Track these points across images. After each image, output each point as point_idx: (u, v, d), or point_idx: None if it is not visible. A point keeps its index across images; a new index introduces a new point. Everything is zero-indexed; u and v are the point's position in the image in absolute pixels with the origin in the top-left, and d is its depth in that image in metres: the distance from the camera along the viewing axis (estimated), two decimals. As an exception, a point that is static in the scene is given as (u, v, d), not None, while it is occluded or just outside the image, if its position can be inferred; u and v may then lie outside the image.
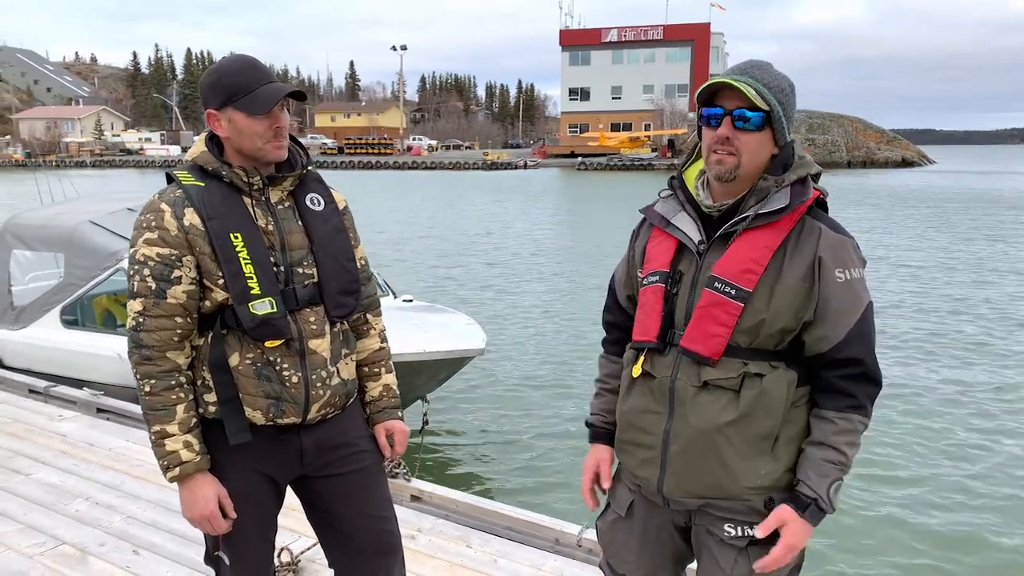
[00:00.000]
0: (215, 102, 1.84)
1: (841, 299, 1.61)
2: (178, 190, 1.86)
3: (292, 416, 1.90)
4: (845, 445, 1.62)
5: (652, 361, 1.76)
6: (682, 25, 71.87)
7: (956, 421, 7.18)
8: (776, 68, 1.68)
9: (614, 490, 1.95)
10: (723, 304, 1.63)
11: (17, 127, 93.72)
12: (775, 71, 1.67)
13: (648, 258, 1.82)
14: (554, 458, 6.47)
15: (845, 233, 1.66)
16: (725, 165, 1.64)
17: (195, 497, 1.84)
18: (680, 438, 1.70)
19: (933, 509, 5.53)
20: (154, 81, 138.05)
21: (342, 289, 1.98)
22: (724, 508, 1.71)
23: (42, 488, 3.93)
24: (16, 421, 4.92)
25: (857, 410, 1.63)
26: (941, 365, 8.94)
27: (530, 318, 11.52)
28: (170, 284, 1.80)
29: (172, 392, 1.82)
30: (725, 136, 1.62)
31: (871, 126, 70.30)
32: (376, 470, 2.12)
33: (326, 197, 2.03)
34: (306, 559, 3.18)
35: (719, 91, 1.65)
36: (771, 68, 1.67)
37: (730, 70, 1.67)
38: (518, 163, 66.34)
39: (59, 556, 3.27)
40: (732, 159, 1.63)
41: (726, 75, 1.64)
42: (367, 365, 2.17)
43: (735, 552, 1.71)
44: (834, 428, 1.62)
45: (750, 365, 1.63)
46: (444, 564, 3.20)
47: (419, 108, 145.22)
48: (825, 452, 1.62)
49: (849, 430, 1.62)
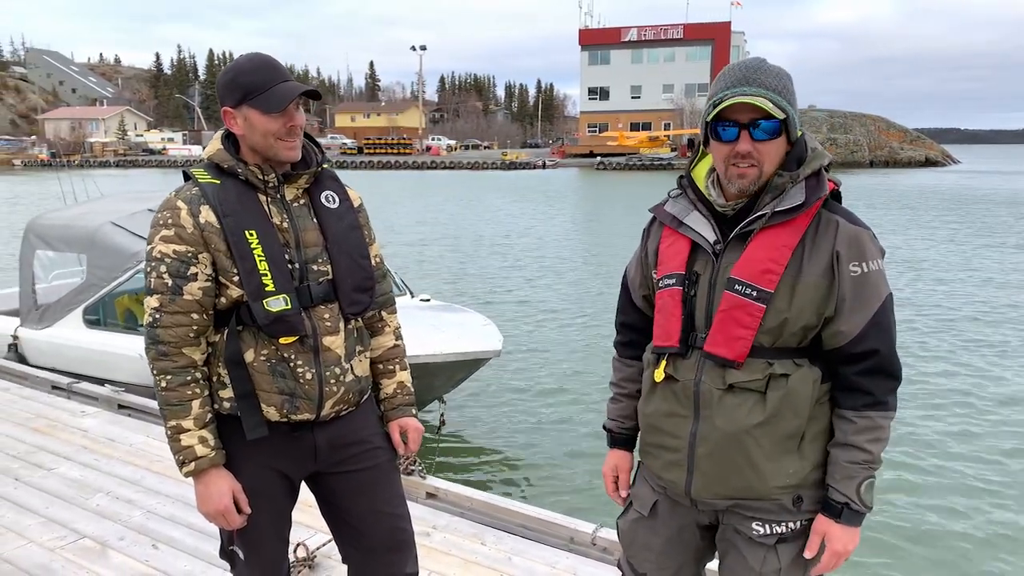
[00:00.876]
0: (231, 100, 1.86)
1: (858, 292, 1.59)
2: (194, 188, 1.88)
3: (306, 412, 1.92)
4: (868, 443, 1.60)
5: (675, 364, 1.75)
6: (702, 24, 71.47)
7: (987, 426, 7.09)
8: (770, 63, 1.64)
9: (636, 490, 1.95)
10: (745, 306, 1.61)
11: (43, 127, 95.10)
12: (773, 68, 1.63)
13: (662, 259, 1.79)
14: (568, 457, 6.48)
15: (861, 224, 1.64)
16: (748, 178, 1.62)
17: (210, 492, 1.86)
18: (707, 441, 1.69)
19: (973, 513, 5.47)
20: (176, 82, 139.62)
21: (356, 286, 1.99)
22: (754, 508, 1.70)
23: (64, 482, 4.00)
24: (39, 417, 5.00)
25: (876, 407, 1.61)
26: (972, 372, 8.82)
27: (546, 319, 11.51)
28: (186, 281, 1.83)
29: (188, 388, 1.84)
30: (747, 151, 1.60)
31: (894, 125, 69.58)
32: (389, 467, 2.13)
33: (341, 195, 2.05)
34: (322, 555, 3.21)
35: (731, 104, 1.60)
36: (768, 66, 1.63)
37: (734, 79, 1.61)
38: (536, 163, 66.30)
39: (80, 549, 3.32)
40: (754, 171, 1.61)
41: (736, 89, 1.59)
42: (381, 362, 2.18)
43: (764, 550, 1.71)
44: (854, 427, 1.61)
45: (775, 365, 1.62)
46: (459, 561, 3.21)
47: (438, 108, 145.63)
48: (849, 453, 1.61)
49: (870, 427, 1.60)
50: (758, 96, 1.57)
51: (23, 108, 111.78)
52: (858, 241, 1.61)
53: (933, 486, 5.87)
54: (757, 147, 1.60)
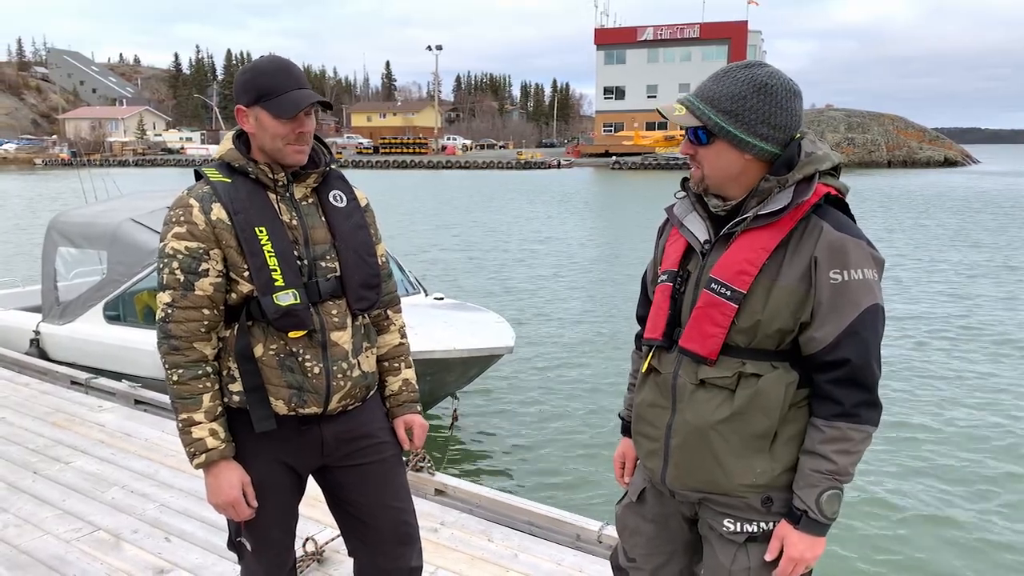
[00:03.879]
0: (245, 98, 1.90)
1: (834, 301, 1.58)
2: (206, 186, 1.93)
3: (313, 406, 1.96)
4: (835, 454, 1.59)
5: (659, 357, 1.81)
6: (719, 23, 71.18)
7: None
8: (759, 69, 1.63)
9: (633, 476, 2.01)
10: (718, 305, 1.64)
11: (63, 127, 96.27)
12: (740, 75, 1.63)
13: (664, 257, 1.86)
14: (577, 455, 6.50)
15: (851, 232, 1.61)
16: (694, 178, 1.73)
17: (220, 483, 1.90)
18: (679, 433, 1.73)
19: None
20: (195, 82, 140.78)
21: (363, 283, 2.03)
22: (722, 503, 1.73)
23: (81, 476, 4.07)
24: (58, 411, 5.09)
25: (845, 418, 1.58)
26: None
27: (559, 317, 11.53)
28: (198, 276, 1.87)
29: (199, 381, 1.89)
30: (688, 152, 1.71)
31: (912, 125, 68.96)
32: (395, 461, 2.17)
33: (348, 194, 2.09)
34: (330, 549, 3.25)
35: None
36: (736, 73, 1.64)
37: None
38: (551, 162, 66.26)
39: (95, 541, 3.39)
40: (698, 172, 1.71)
41: (680, 96, 1.72)
42: (387, 360, 2.22)
43: (735, 547, 1.72)
44: (822, 436, 1.60)
45: (748, 365, 1.64)
46: (466, 557, 3.24)
47: (454, 108, 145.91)
48: (814, 461, 1.61)
49: (838, 438, 1.59)
50: (678, 104, 1.68)
51: (44, 108, 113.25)
52: (841, 249, 1.58)
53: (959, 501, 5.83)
54: (696, 150, 1.69)
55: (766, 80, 1.62)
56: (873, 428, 1.61)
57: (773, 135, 1.63)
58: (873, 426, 1.61)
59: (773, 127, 1.63)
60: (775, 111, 1.62)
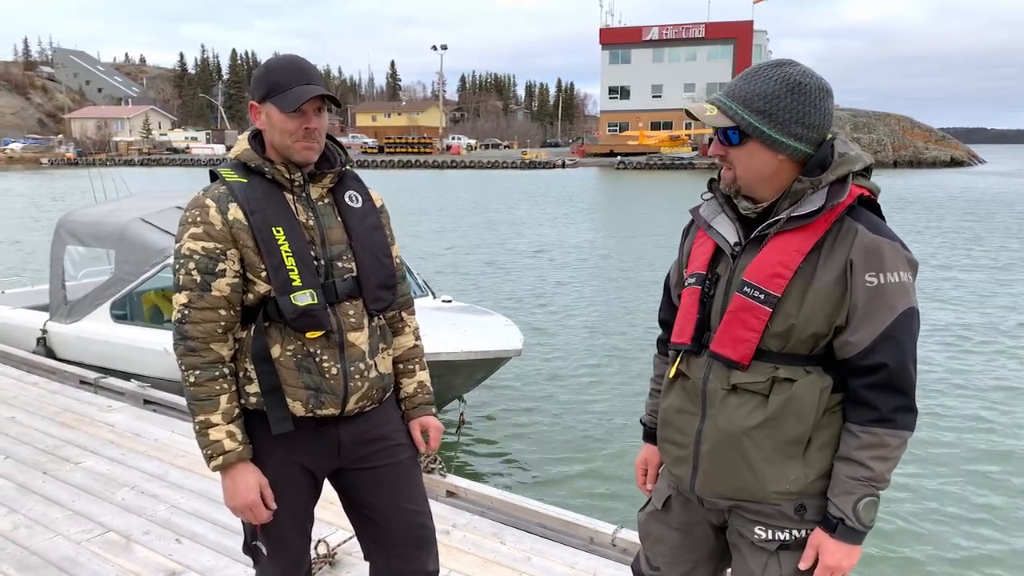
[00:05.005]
0: (257, 94, 1.91)
1: (870, 304, 1.56)
2: (222, 186, 1.92)
3: (331, 407, 1.94)
4: (871, 460, 1.56)
5: (688, 362, 1.77)
6: (724, 23, 71.02)
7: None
8: (790, 68, 1.60)
9: (657, 483, 1.98)
10: (752, 309, 1.61)
11: (69, 126, 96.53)
12: (770, 74, 1.60)
13: (691, 259, 1.83)
14: (588, 457, 6.47)
15: (886, 234, 1.59)
16: (725, 179, 1.70)
17: (237, 486, 1.88)
18: (709, 439, 1.70)
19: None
20: (200, 81, 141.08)
21: (380, 283, 2.02)
22: (753, 511, 1.69)
23: (90, 476, 4.06)
24: (67, 411, 5.08)
25: (882, 423, 1.56)
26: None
27: (565, 319, 11.51)
28: (214, 277, 1.86)
29: (216, 383, 1.87)
30: (718, 154, 1.68)
31: (918, 125, 68.78)
32: (411, 464, 2.15)
33: (364, 195, 2.09)
34: (342, 551, 3.23)
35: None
36: (767, 72, 1.61)
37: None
38: (556, 162, 66.23)
39: (105, 543, 3.37)
40: (729, 173, 1.67)
41: (710, 95, 1.69)
42: (402, 362, 2.21)
43: (766, 556, 1.69)
44: (858, 442, 1.58)
45: (781, 370, 1.61)
46: (478, 560, 3.22)
47: (458, 107, 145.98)
48: (850, 468, 1.58)
49: (874, 444, 1.56)
50: (709, 104, 1.64)
51: (50, 107, 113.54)
52: (877, 251, 1.56)
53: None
54: (727, 151, 1.65)
55: (799, 79, 1.59)
56: (910, 433, 1.59)
57: (807, 135, 1.61)
58: (910, 431, 1.59)
59: (807, 127, 1.60)
60: (809, 110, 1.60)
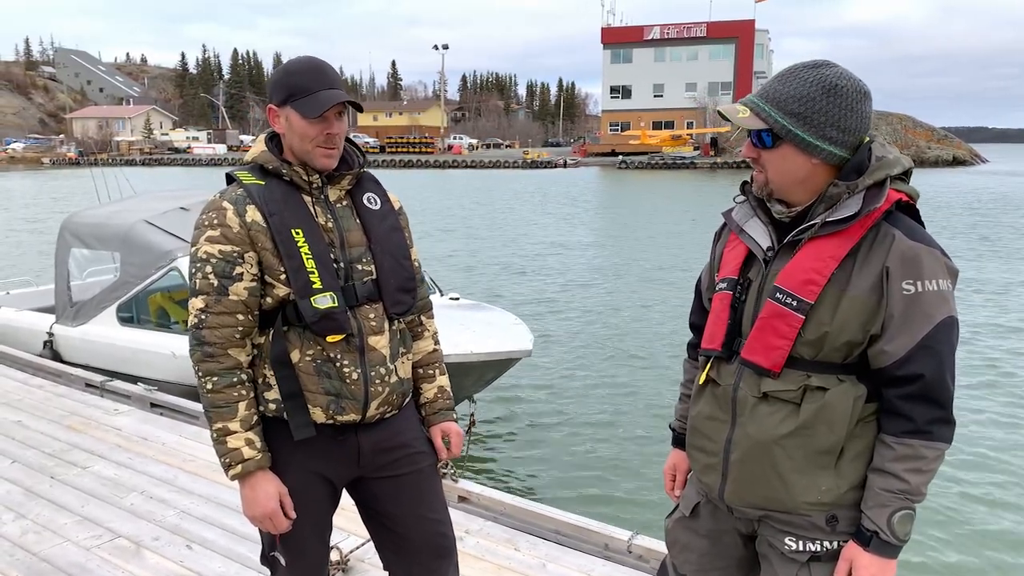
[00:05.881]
0: (277, 98, 1.87)
1: (908, 313, 1.51)
2: (239, 189, 1.88)
3: (352, 413, 1.90)
4: (907, 472, 1.51)
5: (718, 369, 1.73)
6: (726, 22, 70.90)
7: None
8: (827, 69, 1.55)
9: (686, 490, 1.94)
10: (784, 316, 1.57)
11: (71, 126, 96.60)
12: (806, 75, 1.55)
13: (722, 263, 1.79)
14: (601, 462, 6.42)
15: (925, 241, 1.54)
16: (758, 182, 1.66)
17: (256, 495, 1.84)
18: (739, 447, 1.66)
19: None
20: (201, 81, 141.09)
21: (400, 286, 1.98)
22: (784, 521, 1.65)
23: (99, 481, 4.02)
24: (73, 414, 5.05)
25: (918, 435, 1.51)
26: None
27: (575, 318, 11.46)
28: (232, 281, 1.81)
29: (234, 389, 1.83)
30: (751, 156, 1.64)
31: (921, 124, 68.66)
32: (432, 472, 2.11)
33: (382, 197, 2.06)
34: (355, 558, 3.19)
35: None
36: (802, 74, 1.56)
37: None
38: (558, 161, 66.13)
39: (115, 549, 3.33)
40: (762, 176, 1.64)
41: (745, 97, 1.64)
42: (422, 367, 2.17)
43: (796, 567, 1.65)
44: (893, 454, 1.53)
45: (813, 378, 1.57)
46: (492, 567, 3.18)
47: (460, 107, 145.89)
48: (884, 480, 1.54)
49: (909, 456, 1.51)
50: (741, 105, 1.60)
51: (52, 107, 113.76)
52: (914, 258, 1.51)
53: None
54: (760, 153, 1.62)
55: (835, 81, 1.54)
56: (947, 445, 1.54)
57: (842, 139, 1.56)
58: (947, 443, 1.54)
59: (843, 130, 1.55)
60: (845, 113, 1.55)
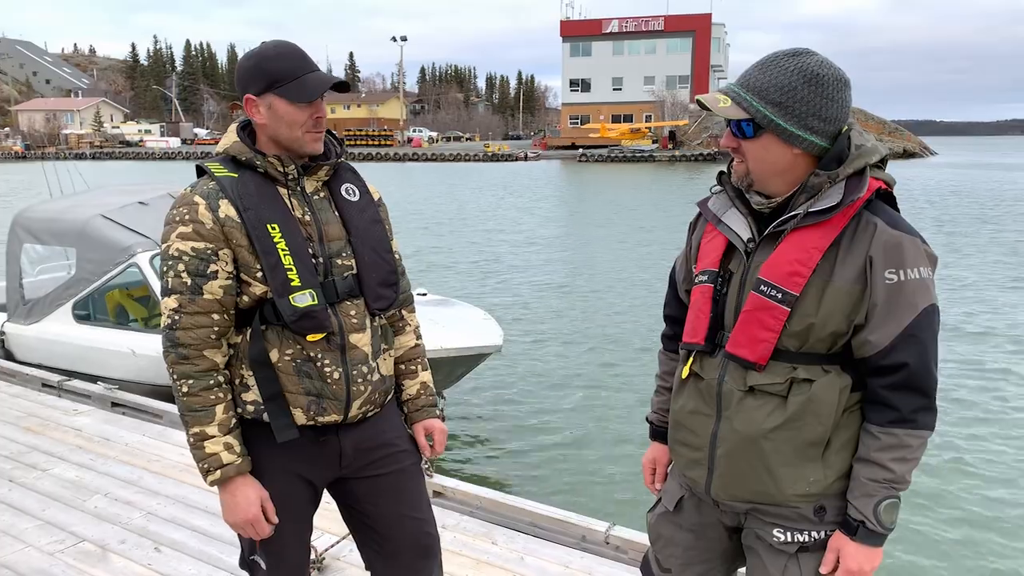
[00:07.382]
0: (255, 87, 1.77)
1: (891, 302, 1.51)
2: (211, 182, 1.80)
3: (333, 414, 1.85)
4: (892, 461, 1.53)
5: (701, 362, 1.72)
6: (683, 16, 71.53)
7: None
8: (807, 58, 1.54)
9: (667, 484, 1.93)
10: (769, 308, 1.56)
11: (16, 119, 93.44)
12: (787, 64, 1.54)
13: (701, 255, 1.76)
14: (575, 454, 6.43)
15: (906, 229, 1.54)
16: (738, 172, 1.64)
17: (237, 501, 1.78)
18: (726, 442, 1.65)
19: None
20: (153, 73, 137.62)
21: (381, 281, 1.93)
22: (772, 513, 1.66)
23: (60, 483, 3.90)
24: (31, 415, 4.88)
25: (902, 424, 1.52)
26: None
27: (547, 313, 11.44)
28: (206, 279, 1.75)
29: (211, 392, 1.77)
30: (731, 146, 1.62)
31: (872, 117, 70.14)
32: (415, 470, 2.07)
33: (361, 188, 1.99)
34: (330, 556, 3.15)
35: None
36: (783, 62, 1.54)
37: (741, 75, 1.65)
38: (519, 155, 66.03)
39: (80, 553, 3.23)
40: (742, 166, 1.62)
41: (725, 85, 1.64)
42: (404, 363, 2.12)
43: (785, 558, 1.66)
44: (878, 444, 1.54)
45: (799, 370, 1.57)
46: (470, 561, 3.16)
47: (419, 99, 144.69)
48: (870, 470, 1.55)
49: (894, 445, 1.53)
50: (722, 94, 1.59)
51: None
52: (897, 247, 1.51)
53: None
54: (740, 143, 1.60)
55: (816, 70, 1.53)
56: (930, 433, 1.56)
57: (824, 128, 1.55)
58: (930, 431, 1.55)
59: (824, 120, 1.54)
60: (826, 103, 1.54)
